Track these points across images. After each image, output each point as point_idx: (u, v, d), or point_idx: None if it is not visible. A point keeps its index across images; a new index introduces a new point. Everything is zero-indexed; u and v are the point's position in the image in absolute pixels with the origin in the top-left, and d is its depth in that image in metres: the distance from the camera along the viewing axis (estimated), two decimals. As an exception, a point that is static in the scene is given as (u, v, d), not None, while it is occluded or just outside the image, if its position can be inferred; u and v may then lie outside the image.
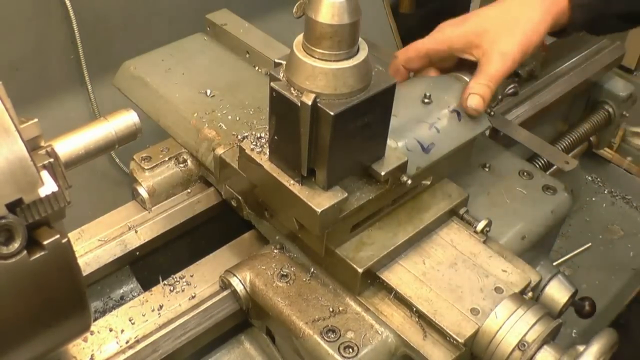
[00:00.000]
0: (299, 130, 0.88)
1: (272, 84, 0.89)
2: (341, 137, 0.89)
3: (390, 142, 1.00)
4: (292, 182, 0.95)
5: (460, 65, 1.16)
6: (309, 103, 0.85)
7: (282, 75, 0.90)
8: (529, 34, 1.09)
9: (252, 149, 1.00)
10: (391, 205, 1.08)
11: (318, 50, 0.85)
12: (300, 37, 0.88)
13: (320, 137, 0.89)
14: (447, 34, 1.13)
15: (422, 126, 1.07)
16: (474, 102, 1.09)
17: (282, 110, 0.90)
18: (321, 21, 0.83)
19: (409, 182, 0.99)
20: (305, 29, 0.86)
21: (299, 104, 0.86)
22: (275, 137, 0.94)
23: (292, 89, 0.88)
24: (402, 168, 0.99)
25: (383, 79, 0.91)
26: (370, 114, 0.91)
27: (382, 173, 0.97)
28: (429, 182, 1.11)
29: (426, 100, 1.09)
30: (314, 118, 0.87)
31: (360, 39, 0.88)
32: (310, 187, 0.94)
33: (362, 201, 0.98)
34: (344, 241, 1.04)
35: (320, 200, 0.93)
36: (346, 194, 0.95)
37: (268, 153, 0.98)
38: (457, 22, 1.14)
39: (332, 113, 0.85)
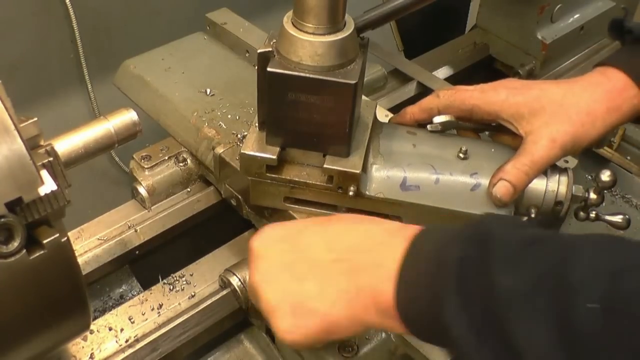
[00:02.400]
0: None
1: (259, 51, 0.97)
2: (278, 97, 0.94)
3: (375, 160, 1.00)
4: (254, 126, 1.03)
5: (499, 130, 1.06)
6: (261, 51, 0.94)
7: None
8: (587, 127, 0.96)
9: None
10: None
11: (297, 19, 0.93)
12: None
13: (265, 89, 0.96)
14: (501, 98, 1.00)
15: (425, 167, 1.01)
16: (502, 191, 0.95)
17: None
18: None
19: (350, 193, 0.99)
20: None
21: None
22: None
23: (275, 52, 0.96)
24: (352, 177, 0.98)
25: (346, 76, 0.93)
26: (317, 96, 0.93)
27: (324, 165, 0.99)
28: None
29: (461, 156, 1.02)
30: (262, 69, 0.95)
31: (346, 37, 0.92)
32: (261, 137, 1.01)
33: (296, 177, 1.01)
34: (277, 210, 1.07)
35: (251, 145, 1.00)
36: (274, 157, 0.98)
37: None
38: (515, 87, 1.01)
39: (268, 69, 0.93)
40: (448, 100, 1.04)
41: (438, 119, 1.04)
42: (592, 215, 1.00)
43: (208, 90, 1.30)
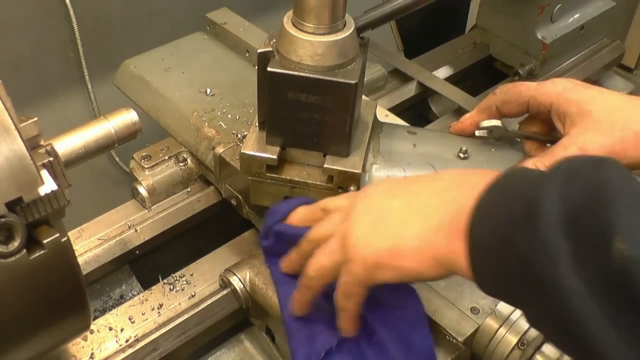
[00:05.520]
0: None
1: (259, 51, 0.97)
2: (278, 97, 0.94)
3: (375, 160, 1.00)
4: (254, 126, 1.03)
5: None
6: (261, 51, 0.95)
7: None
8: (628, 145, 0.90)
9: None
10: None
11: (297, 19, 0.93)
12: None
13: (265, 89, 0.97)
14: (557, 90, 0.96)
15: (425, 167, 1.01)
16: None
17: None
18: None
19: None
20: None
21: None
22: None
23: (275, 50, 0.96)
24: (352, 177, 0.98)
25: (346, 76, 0.93)
26: (318, 96, 0.94)
27: (324, 165, 0.99)
28: None
29: (461, 155, 1.02)
30: (262, 69, 0.95)
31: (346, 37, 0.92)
32: (261, 137, 1.01)
33: (296, 177, 1.01)
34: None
35: (251, 145, 1.01)
36: (274, 157, 0.99)
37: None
38: (574, 83, 0.97)
39: (268, 69, 0.93)
40: (505, 96, 1.01)
41: (485, 123, 1.01)
42: None
43: (208, 90, 1.30)
